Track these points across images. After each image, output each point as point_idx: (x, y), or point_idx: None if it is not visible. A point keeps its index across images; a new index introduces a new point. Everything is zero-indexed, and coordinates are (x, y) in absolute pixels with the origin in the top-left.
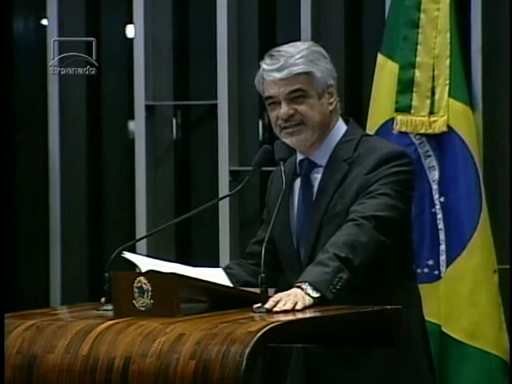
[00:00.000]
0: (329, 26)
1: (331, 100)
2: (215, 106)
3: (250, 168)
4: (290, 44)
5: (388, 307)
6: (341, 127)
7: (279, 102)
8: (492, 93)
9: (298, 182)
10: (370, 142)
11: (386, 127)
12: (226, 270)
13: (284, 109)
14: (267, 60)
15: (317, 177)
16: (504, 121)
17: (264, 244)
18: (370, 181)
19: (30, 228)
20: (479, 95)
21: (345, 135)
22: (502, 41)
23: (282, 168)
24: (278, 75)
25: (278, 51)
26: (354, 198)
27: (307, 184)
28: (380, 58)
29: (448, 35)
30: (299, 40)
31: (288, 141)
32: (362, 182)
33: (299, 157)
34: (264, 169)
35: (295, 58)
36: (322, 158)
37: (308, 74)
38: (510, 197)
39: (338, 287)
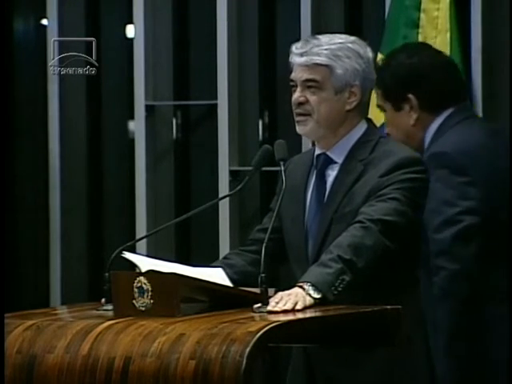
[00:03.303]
0: (329, 26)
1: (352, 99)
2: (215, 106)
3: (250, 168)
4: (331, 35)
5: (388, 307)
6: (362, 127)
7: (297, 85)
8: (492, 93)
9: (314, 176)
10: (388, 145)
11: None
12: (225, 260)
13: (297, 94)
14: (299, 44)
15: (331, 173)
16: (504, 121)
17: (264, 244)
18: (382, 184)
19: (30, 228)
20: (479, 95)
21: (363, 135)
22: (502, 41)
23: (282, 168)
24: (298, 60)
25: (314, 37)
26: (365, 199)
27: (321, 179)
28: (380, 57)
29: (448, 35)
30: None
31: (297, 129)
32: (374, 184)
33: (317, 151)
34: (264, 169)
35: (321, 48)
36: (339, 154)
37: (327, 67)
38: (509, 196)
39: (339, 289)
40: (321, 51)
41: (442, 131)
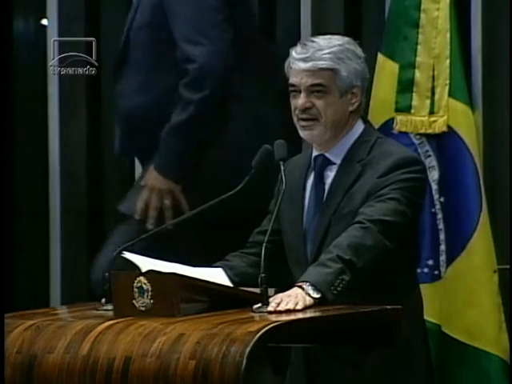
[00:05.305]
0: (329, 26)
1: (354, 100)
2: None
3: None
4: (327, 36)
5: (388, 307)
6: (359, 127)
7: (299, 91)
8: (492, 93)
9: (312, 177)
10: (385, 146)
11: (387, 127)
12: (225, 261)
13: (302, 100)
14: (298, 48)
15: (329, 174)
16: (504, 121)
17: (264, 244)
18: (381, 184)
19: (30, 228)
20: (479, 95)
21: (361, 136)
22: (502, 41)
23: (282, 168)
24: (302, 65)
25: (312, 41)
26: (364, 199)
27: (319, 180)
28: (380, 57)
29: (448, 35)
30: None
31: (302, 134)
32: (373, 184)
33: (315, 152)
34: None
35: (324, 52)
36: (337, 155)
37: (333, 70)
38: (510, 197)
39: (339, 289)
40: (324, 55)
41: None
